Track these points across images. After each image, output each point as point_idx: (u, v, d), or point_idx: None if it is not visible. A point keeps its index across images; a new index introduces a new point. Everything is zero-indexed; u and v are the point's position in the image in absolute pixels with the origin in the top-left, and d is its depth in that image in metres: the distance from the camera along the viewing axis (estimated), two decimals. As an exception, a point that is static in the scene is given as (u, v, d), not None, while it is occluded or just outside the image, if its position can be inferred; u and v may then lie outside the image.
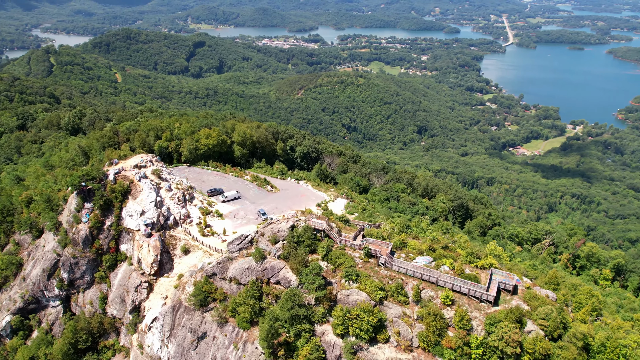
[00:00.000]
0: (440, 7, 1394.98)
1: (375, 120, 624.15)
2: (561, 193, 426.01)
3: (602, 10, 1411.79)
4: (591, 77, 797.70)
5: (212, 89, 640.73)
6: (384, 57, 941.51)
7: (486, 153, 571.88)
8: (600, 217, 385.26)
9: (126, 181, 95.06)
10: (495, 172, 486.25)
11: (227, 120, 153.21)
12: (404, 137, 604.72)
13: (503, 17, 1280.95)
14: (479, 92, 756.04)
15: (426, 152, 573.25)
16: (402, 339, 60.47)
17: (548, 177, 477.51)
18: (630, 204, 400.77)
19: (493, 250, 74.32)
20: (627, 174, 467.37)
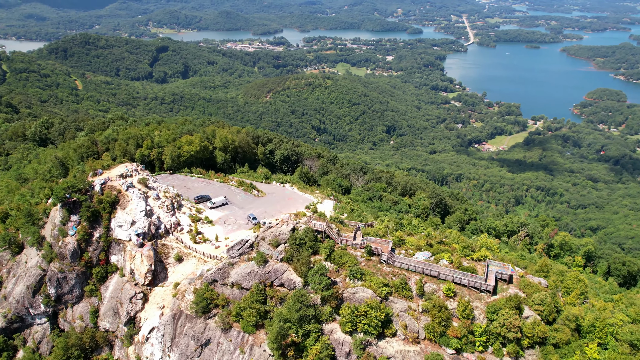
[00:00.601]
0: (403, 8, 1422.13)
1: (345, 121, 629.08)
2: (526, 186, 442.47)
3: (554, 10, 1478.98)
4: (548, 74, 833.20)
5: (178, 94, 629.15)
6: (350, 59, 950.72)
7: (453, 150, 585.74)
8: (564, 208, 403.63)
9: (113, 191, 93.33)
10: (463, 168, 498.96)
11: (207, 126, 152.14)
12: (373, 137, 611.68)
13: (463, 18, 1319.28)
14: (444, 90, 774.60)
15: (396, 151, 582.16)
16: (409, 331, 62.80)
17: (513, 171, 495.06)
18: (589, 194, 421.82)
19: (485, 243, 78.08)
20: (585, 166, 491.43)
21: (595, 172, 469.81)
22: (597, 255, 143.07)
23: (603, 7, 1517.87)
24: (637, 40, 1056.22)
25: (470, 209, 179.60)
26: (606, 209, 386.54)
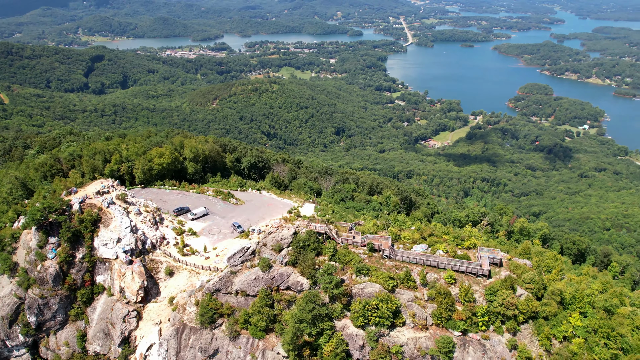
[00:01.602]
0: (342, 11, 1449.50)
1: (294, 125, 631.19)
2: (473, 178, 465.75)
3: (483, 11, 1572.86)
4: (483, 71, 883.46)
5: (119, 105, 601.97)
6: (294, 62, 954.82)
7: (402, 148, 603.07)
8: (508, 197, 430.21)
9: (94, 209, 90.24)
10: (412, 165, 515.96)
11: (173, 137, 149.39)
12: (323, 140, 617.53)
13: (401, 19, 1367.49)
14: (388, 90, 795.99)
15: (346, 152, 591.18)
16: (418, 319, 66.84)
17: (459, 165, 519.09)
18: (529, 182, 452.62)
19: (471, 232, 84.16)
20: (523, 156, 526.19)
21: (533, 161, 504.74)
22: (551, 237, 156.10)
23: (526, 8, 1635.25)
24: (557, 38, 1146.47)
25: (432, 203, 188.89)
26: (545, 195, 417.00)
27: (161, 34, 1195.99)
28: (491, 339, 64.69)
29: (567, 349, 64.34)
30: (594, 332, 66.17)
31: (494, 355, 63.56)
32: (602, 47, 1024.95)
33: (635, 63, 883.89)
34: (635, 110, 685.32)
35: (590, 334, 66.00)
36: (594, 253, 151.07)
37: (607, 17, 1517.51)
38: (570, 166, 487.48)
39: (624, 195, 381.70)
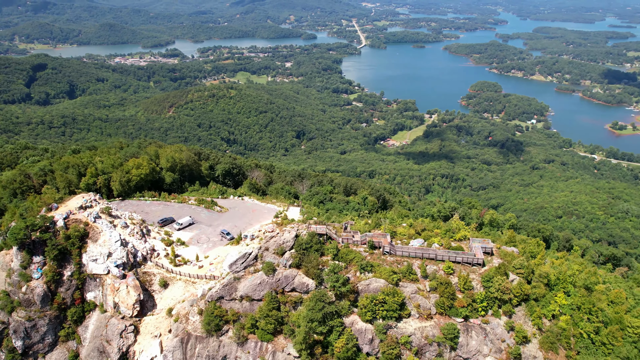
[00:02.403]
0: (295, 14, 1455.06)
1: (254, 130, 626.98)
2: (433, 175, 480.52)
3: (432, 12, 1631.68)
4: (435, 70, 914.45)
5: (69, 116, 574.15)
6: (249, 67, 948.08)
7: (362, 148, 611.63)
8: (467, 191, 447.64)
9: (80, 224, 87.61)
10: (374, 165, 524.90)
11: (146, 146, 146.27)
12: (284, 144, 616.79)
13: (353, 22, 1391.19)
14: (345, 92, 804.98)
15: (308, 155, 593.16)
16: (422, 309, 70.14)
17: (419, 162, 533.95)
18: (486, 177, 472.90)
19: (459, 225, 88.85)
20: (478, 151, 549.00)
21: (488, 156, 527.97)
22: (518, 227, 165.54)
23: (471, 9, 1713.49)
24: (502, 38, 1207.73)
25: (403, 201, 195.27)
26: (502, 187, 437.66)
27: (108, 40, 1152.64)
28: (490, 322, 69.22)
29: (556, 326, 70.02)
30: (578, 309, 72.26)
31: (494, 337, 68.05)
32: (543, 46, 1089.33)
33: (573, 61, 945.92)
34: (575, 105, 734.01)
35: (575, 310, 72.03)
36: (557, 239, 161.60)
37: (544, 17, 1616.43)
38: (522, 159, 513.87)
39: (572, 185, 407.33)
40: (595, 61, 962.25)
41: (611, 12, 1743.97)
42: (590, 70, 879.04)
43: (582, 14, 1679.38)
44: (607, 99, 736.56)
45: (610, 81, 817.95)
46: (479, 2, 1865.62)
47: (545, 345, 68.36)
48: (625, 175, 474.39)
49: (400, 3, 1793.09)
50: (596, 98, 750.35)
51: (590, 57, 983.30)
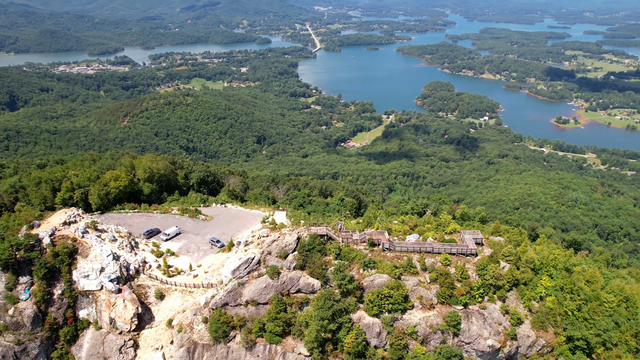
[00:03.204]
0: (248, 19, 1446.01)
1: (214, 137, 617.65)
2: (394, 174, 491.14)
3: (383, 15, 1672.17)
4: (390, 72, 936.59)
5: (12, 129, 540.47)
6: (204, 73, 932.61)
7: (323, 151, 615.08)
8: (428, 188, 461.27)
9: (68, 241, 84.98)
10: (336, 166, 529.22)
11: (118, 158, 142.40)
12: (245, 149, 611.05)
13: (307, 25, 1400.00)
14: (302, 96, 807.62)
15: (270, 159, 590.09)
16: (425, 300, 73.60)
17: (380, 162, 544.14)
18: (445, 173, 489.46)
19: (447, 219, 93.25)
20: (436, 149, 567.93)
21: (445, 153, 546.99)
22: (487, 219, 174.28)
23: (421, 12, 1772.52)
24: (451, 39, 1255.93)
25: (376, 200, 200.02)
26: (461, 183, 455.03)
27: (50, 48, 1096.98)
28: (487, 307, 73.82)
29: (544, 307, 75.75)
30: (561, 290, 78.40)
31: (492, 321, 72.68)
32: (490, 46, 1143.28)
33: (518, 60, 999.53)
34: (523, 101, 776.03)
35: (558, 291, 78.11)
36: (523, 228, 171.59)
37: (490, 19, 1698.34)
38: (478, 155, 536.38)
39: (525, 177, 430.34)
40: (537, 60, 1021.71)
41: (548, 14, 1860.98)
42: (534, 68, 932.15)
43: (522, 15, 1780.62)
44: (551, 95, 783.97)
45: (552, 78, 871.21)
46: (427, 5, 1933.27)
47: (537, 325, 73.99)
48: (571, 166, 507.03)
49: (352, 6, 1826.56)
50: (541, 94, 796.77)
51: (533, 56, 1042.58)
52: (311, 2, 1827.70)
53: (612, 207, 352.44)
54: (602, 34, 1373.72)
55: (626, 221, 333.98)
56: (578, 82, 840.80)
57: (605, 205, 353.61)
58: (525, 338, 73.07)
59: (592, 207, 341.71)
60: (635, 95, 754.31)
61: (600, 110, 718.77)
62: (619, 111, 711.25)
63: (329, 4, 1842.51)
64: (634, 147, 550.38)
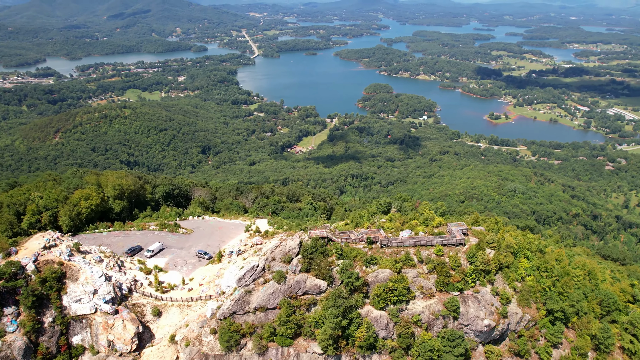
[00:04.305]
0: (181, 27, 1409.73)
1: (156, 149, 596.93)
2: (344, 177, 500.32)
3: (319, 20, 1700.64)
4: (330, 76, 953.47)
5: None
6: (139, 84, 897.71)
7: (271, 157, 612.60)
8: (378, 188, 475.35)
9: (54, 265, 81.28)
10: (286, 172, 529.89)
11: (82, 176, 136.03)
12: (190, 160, 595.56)
13: (243, 32, 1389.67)
14: (244, 103, 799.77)
15: (217, 169, 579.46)
16: (425, 290, 78.36)
17: (328, 166, 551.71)
18: (392, 172, 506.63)
19: (430, 215, 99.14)
20: (381, 150, 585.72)
21: (390, 153, 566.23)
22: (448, 213, 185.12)
23: (355, 16, 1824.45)
24: (386, 42, 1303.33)
25: (339, 202, 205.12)
26: (408, 181, 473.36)
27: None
28: (480, 291, 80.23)
29: (526, 285, 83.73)
30: (537, 269, 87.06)
31: (485, 303, 79.15)
32: (423, 48, 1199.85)
33: (450, 60, 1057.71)
34: (457, 100, 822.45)
35: (535, 271, 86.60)
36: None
37: (421, 22, 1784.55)
38: (421, 153, 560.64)
39: (467, 172, 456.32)
40: (467, 60, 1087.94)
41: (473, 17, 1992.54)
42: (465, 68, 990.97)
43: (450, 18, 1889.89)
44: (482, 92, 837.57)
45: (482, 77, 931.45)
46: (361, 10, 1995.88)
47: (522, 302, 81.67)
48: (506, 159, 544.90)
49: (287, 12, 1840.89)
50: (473, 92, 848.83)
51: (463, 57, 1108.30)
52: (246, 9, 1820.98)
53: (545, 194, 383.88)
54: (521, 36, 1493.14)
55: (558, 206, 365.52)
56: (505, 80, 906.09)
57: (539, 193, 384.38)
58: (514, 315, 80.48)
59: (529, 196, 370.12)
60: (554, 91, 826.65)
61: (526, 105, 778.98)
62: (542, 106, 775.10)
63: (264, 10, 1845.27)
64: (558, 138, 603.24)
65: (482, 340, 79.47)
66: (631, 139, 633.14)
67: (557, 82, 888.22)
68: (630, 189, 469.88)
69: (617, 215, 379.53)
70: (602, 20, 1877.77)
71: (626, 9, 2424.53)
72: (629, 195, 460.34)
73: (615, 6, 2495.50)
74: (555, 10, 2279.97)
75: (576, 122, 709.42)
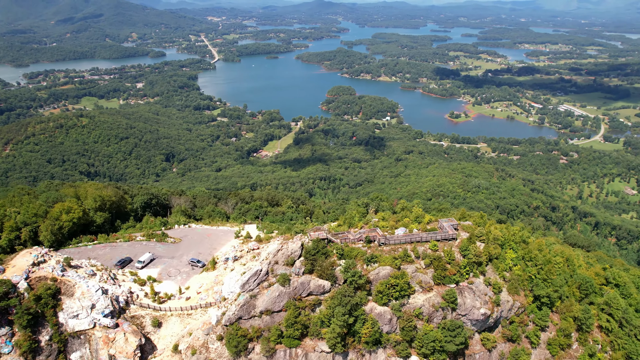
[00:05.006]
0: (137, 32, 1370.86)
1: (117, 158, 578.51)
2: (312, 179, 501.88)
3: (279, 24, 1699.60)
4: (292, 79, 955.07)
5: None
6: (95, 91, 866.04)
7: (237, 163, 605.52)
8: (346, 189, 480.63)
9: (47, 281, 78.90)
10: (253, 177, 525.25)
11: (59, 189, 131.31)
12: (154, 169, 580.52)
13: (202, 37, 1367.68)
14: (207, 109, 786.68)
15: (182, 176, 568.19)
16: (424, 284, 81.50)
17: (296, 169, 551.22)
18: (359, 173, 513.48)
19: (420, 212, 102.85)
20: (347, 151, 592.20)
21: (356, 154, 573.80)
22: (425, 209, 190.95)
23: (315, 19, 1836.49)
24: (347, 45, 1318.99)
25: (317, 204, 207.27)
26: (375, 181, 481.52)
27: None
28: (474, 282, 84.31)
29: (514, 274, 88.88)
30: (523, 259, 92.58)
31: (480, 293, 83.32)
32: (383, 50, 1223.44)
33: (410, 61, 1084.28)
34: (418, 100, 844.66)
35: (521, 260, 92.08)
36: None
37: (379, 24, 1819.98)
38: (386, 153, 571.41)
39: (432, 170, 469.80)
40: (426, 61, 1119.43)
41: (430, 19, 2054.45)
42: (425, 69, 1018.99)
43: (408, 20, 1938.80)
44: (442, 92, 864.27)
45: (441, 77, 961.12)
46: (320, 13, 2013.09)
47: (512, 291, 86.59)
48: (468, 156, 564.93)
49: (246, 16, 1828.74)
50: (433, 93, 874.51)
51: (422, 58, 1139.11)
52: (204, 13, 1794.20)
53: (507, 189, 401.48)
54: (476, 37, 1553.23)
55: (520, 200, 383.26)
56: (463, 80, 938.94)
57: (502, 188, 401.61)
58: (505, 303, 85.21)
59: (493, 191, 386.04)
60: (510, 89, 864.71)
61: (484, 104, 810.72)
62: (499, 104, 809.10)
63: (222, 14, 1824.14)
64: (515, 135, 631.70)
65: (478, 328, 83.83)
66: (581, 133, 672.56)
67: (511, 81, 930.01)
68: (583, 181, 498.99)
69: (573, 206, 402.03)
70: (548, 22, 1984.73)
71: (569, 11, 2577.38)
72: (582, 187, 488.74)
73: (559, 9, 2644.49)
74: (506, 12, 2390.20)
75: (531, 118, 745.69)
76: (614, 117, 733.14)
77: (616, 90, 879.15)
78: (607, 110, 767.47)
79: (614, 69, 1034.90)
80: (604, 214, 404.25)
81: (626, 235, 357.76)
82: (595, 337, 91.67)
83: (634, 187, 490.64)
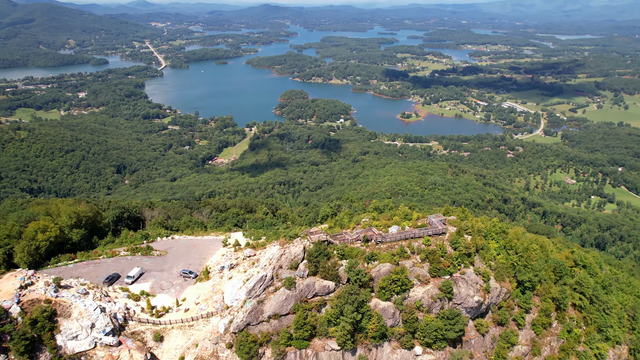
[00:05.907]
0: (74, 38, 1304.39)
1: (64, 172, 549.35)
2: (271, 184, 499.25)
3: (226, 29, 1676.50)
4: (243, 84, 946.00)
5: None
6: (31, 102, 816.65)
7: (192, 171, 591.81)
8: (307, 193, 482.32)
9: (41, 304, 75.58)
10: (211, 185, 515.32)
11: (26, 208, 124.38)
12: (105, 182, 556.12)
13: (147, 43, 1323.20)
14: (157, 117, 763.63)
15: (136, 188, 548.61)
16: (422, 277, 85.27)
17: (254, 175, 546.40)
18: (318, 176, 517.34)
19: (408, 210, 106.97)
20: (304, 155, 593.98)
21: (314, 157, 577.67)
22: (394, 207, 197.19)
23: (263, 24, 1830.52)
24: (296, 48, 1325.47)
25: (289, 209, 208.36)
26: (335, 183, 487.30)
27: None
28: (466, 272, 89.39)
29: (499, 263, 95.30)
30: (504, 248, 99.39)
31: (472, 282, 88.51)
32: (332, 53, 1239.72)
33: (359, 64, 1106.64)
34: (370, 101, 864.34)
35: (503, 249, 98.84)
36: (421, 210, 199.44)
37: (327, 28, 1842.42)
38: (343, 155, 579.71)
39: (389, 169, 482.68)
40: (375, 63, 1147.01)
41: (376, 22, 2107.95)
42: (374, 71, 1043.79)
43: (355, 24, 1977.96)
44: (392, 93, 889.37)
45: (390, 79, 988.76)
46: (267, 17, 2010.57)
47: (498, 278, 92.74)
48: (422, 155, 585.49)
49: (192, 21, 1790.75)
50: (384, 94, 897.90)
51: (371, 60, 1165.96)
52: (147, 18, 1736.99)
53: (462, 184, 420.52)
54: (421, 38, 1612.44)
55: (474, 194, 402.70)
56: (412, 81, 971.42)
57: (456, 183, 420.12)
58: (494, 290, 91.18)
59: (448, 187, 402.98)
60: (456, 88, 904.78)
61: (433, 103, 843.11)
62: (447, 103, 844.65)
63: (166, 20, 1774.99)
64: (464, 132, 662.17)
65: (472, 315, 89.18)
66: (523, 128, 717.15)
67: (457, 81, 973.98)
68: (529, 173, 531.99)
69: (522, 198, 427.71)
70: (487, 24, 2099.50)
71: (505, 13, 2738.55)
72: (529, 179, 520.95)
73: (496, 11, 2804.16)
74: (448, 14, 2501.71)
75: (478, 116, 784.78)
76: (552, 113, 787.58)
77: (551, 87, 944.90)
78: (545, 106, 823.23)
79: (548, 67, 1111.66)
80: (549, 204, 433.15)
81: (570, 222, 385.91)
82: (571, 315, 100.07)
83: (572, 176, 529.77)
